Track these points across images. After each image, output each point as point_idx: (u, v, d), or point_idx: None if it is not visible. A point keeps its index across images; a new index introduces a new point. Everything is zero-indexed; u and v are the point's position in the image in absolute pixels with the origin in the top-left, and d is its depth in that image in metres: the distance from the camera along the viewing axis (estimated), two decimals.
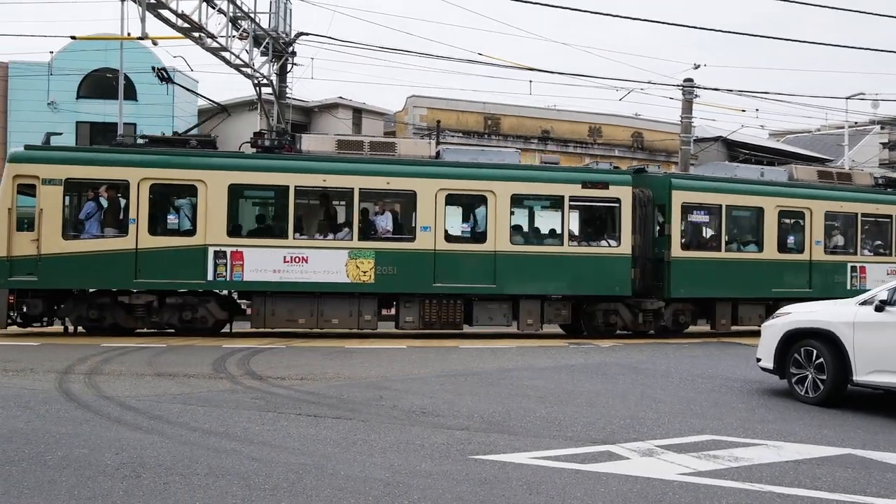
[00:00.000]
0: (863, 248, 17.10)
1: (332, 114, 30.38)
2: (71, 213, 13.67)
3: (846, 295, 16.67)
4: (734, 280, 15.62)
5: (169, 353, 11.40)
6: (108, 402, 7.40)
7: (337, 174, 13.99)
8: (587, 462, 5.51)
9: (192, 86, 31.10)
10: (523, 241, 14.68)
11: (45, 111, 28.95)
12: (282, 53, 21.74)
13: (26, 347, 11.80)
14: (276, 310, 13.80)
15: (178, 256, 13.46)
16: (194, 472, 5.02)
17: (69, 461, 5.25)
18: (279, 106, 22.42)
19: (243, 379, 8.96)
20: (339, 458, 5.45)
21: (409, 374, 9.65)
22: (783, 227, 16.42)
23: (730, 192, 15.91)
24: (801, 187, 16.66)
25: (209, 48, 18.92)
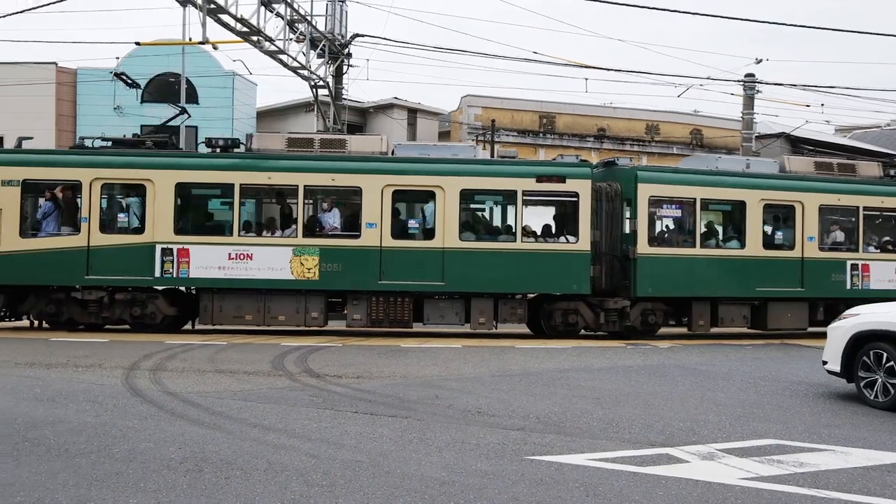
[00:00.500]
0: (866, 244, 15.76)
1: (388, 114, 30.60)
2: (28, 212, 14.19)
3: (844, 295, 15.22)
4: (711, 278, 14.63)
5: (230, 350, 11.65)
6: (172, 397, 7.60)
7: (282, 171, 14.08)
8: (645, 465, 5.42)
9: (251, 89, 31.73)
10: (474, 237, 14.32)
11: (112, 115, 29.89)
12: (338, 55, 21.99)
13: (95, 344, 12.21)
14: (224, 306, 13.99)
15: (128, 254, 13.79)
16: (254, 468, 5.12)
17: (135, 454, 5.40)
18: (335, 107, 22.68)
19: (301, 377, 9.10)
20: (394, 457, 5.48)
21: (464, 373, 9.66)
22: (770, 222, 15.44)
23: (705, 184, 14.89)
24: (792, 179, 15.51)
25: (267, 51, 19.28)
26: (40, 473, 4.92)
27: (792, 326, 15.18)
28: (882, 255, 15.86)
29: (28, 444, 5.63)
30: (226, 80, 29.99)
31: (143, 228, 13.88)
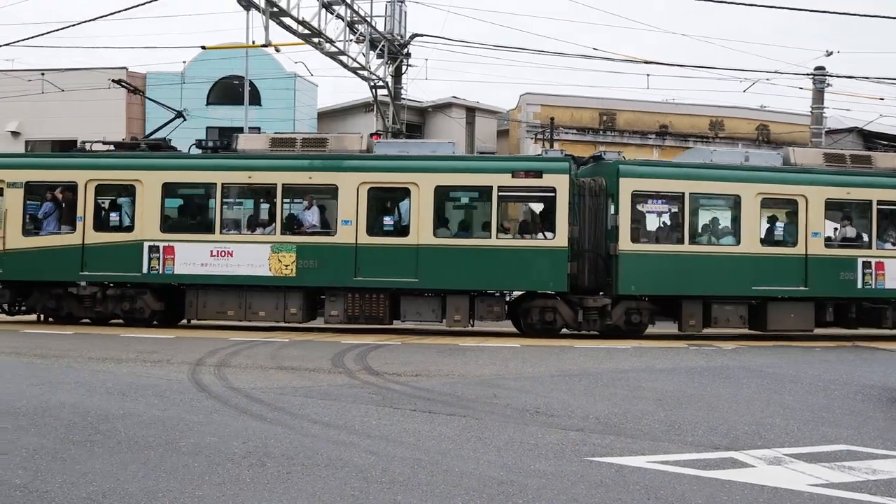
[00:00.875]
0: (882, 240, 14.69)
1: (446, 113, 30.68)
2: (26, 212, 14.88)
3: (854, 294, 14.34)
4: (702, 276, 13.92)
5: (291, 347, 11.86)
6: (236, 393, 7.77)
7: (262, 171, 14.38)
8: (709, 468, 5.30)
9: (312, 90, 32.22)
10: (449, 233, 14.27)
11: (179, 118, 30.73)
12: (397, 55, 22.15)
13: (163, 340, 12.58)
14: (208, 302, 14.40)
15: (118, 251, 14.41)
16: (315, 463, 5.19)
17: (200, 448, 5.54)
18: (394, 107, 22.86)
19: (361, 374, 9.20)
20: (453, 455, 5.49)
21: (523, 372, 9.61)
22: (769, 218, 14.66)
23: (695, 178, 14.18)
24: (795, 172, 14.52)
25: (328, 52, 19.54)
26: (112, 464, 5.09)
27: (795, 328, 14.33)
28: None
29: (100, 436, 5.84)
30: (287, 81, 30.54)
31: (133, 227, 14.52)
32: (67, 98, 28.74)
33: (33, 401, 7.20)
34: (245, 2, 16.16)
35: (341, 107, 33.06)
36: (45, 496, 4.42)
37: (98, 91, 29.44)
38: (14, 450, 5.40)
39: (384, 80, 22.04)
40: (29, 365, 9.73)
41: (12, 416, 6.49)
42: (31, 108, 29.83)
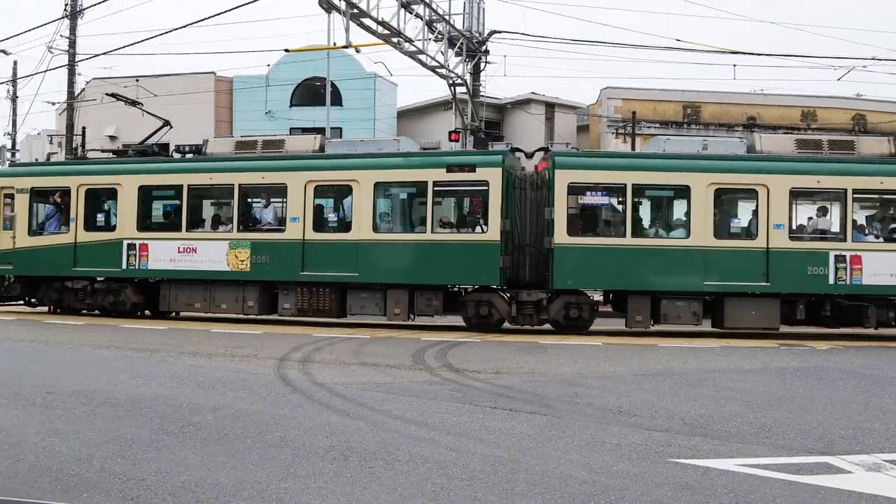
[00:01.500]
0: (860, 232, 13.66)
1: (525, 110, 30.51)
2: (34, 214, 16.62)
3: (826, 291, 13.23)
4: (646, 271, 13.34)
5: (373, 344, 12.03)
6: (319, 388, 7.94)
7: (221, 172, 15.30)
8: (801, 473, 5.09)
9: (391, 89, 32.56)
10: (388, 229, 14.57)
11: (264, 120, 31.65)
12: (475, 52, 22.15)
13: (250, 335, 12.97)
14: (178, 295, 15.55)
15: (103, 248, 15.76)
16: (396, 459, 5.25)
17: (286, 441, 5.68)
18: (473, 104, 22.87)
19: (441, 371, 9.25)
20: (534, 453, 5.45)
21: (605, 371, 9.47)
22: (723, 209, 13.85)
23: (639, 168, 13.58)
24: (755, 160, 13.57)
25: (407, 52, 19.71)
26: (202, 455, 5.28)
27: (757, 325, 13.45)
28: (882, 245, 13.48)
29: (192, 428, 6.06)
30: (367, 81, 30.97)
31: (115, 227, 15.83)
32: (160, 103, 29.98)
33: (130, 392, 7.55)
34: (326, 4, 16.47)
35: (420, 105, 33.33)
36: (141, 483, 4.62)
37: (188, 95, 30.61)
38: (114, 439, 5.67)
39: (462, 78, 22.08)
40: (126, 358, 10.21)
41: (112, 407, 6.82)
42: (127, 113, 31.24)
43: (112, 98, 20.33)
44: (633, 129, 26.53)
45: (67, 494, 4.40)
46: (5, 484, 4.59)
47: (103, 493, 4.43)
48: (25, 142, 42.81)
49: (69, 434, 5.82)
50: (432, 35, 20.24)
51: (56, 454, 5.25)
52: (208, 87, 31.82)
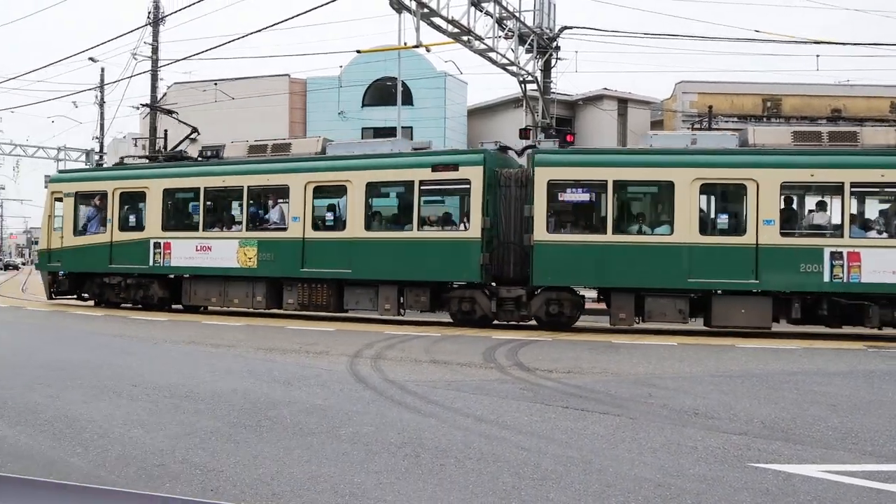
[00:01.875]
0: (860, 227, 13.07)
1: (597, 106, 30.08)
2: (79, 216, 18.34)
3: (821, 289, 12.69)
4: (628, 268, 13.25)
5: (444, 342, 12.08)
6: (391, 385, 8.02)
7: (232, 175, 16.37)
8: (891, 482, 4.86)
9: (462, 88, 32.60)
10: (379, 227, 15.16)
11: (336, 120, 32.15)
12: (546, 49, 21.97)
13: (323, 332, 13.21)
14: (197, 290, 16.84)
15: (134, 247, 17.21)
16: (467, 457, 5.25)
17: (359, 437, 5.76)
18: (543, 101, 22.70)
19: (512, 370, 9.21)
20: (606, 455, 5.37)
21: (680, 372, 9.25)
22: (709, 205, 13.60)
23: (620, 164, 13.59)
24: (744, 154, 13.22)
25: (477, 50, 19.70)
26: (278, 448, 5.40)
27: (747, 324, 13.05)
28: (883, 241, 12.76)
29: (268, 422, 6.21)
30: (438, 80, 31.09)
31: (143, 227, 17.27)
32: (237, 105, 30.83)
33: (209, 387, 7.78)
34: (397, 4, 16.61)
35: (491, 104, 33.27)
36: (220, 475, 4.76)
37: (264, 98, 31.35)
38: (194, 431, 5.86)
39: (533, 75, 21.93)
40: (205, 353, 10.54)
41: (193, 401, 7.05)
42: (205, 116, 32.25)
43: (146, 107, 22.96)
44: (710, 123, 25.83)
45: (152, 484, 4.57)
46: (95, 472, 4.80)
47: (185, 483, 4.58)
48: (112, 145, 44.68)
49: (153, 426, 6.05)
50: (502, 32, 20.17)
51: (141, 444, 5.46)
52: (283, 89, 32.53)
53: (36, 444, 5.50)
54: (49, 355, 10.35)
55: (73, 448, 5.37)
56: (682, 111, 28.29)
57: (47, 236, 18.94)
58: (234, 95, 30.71)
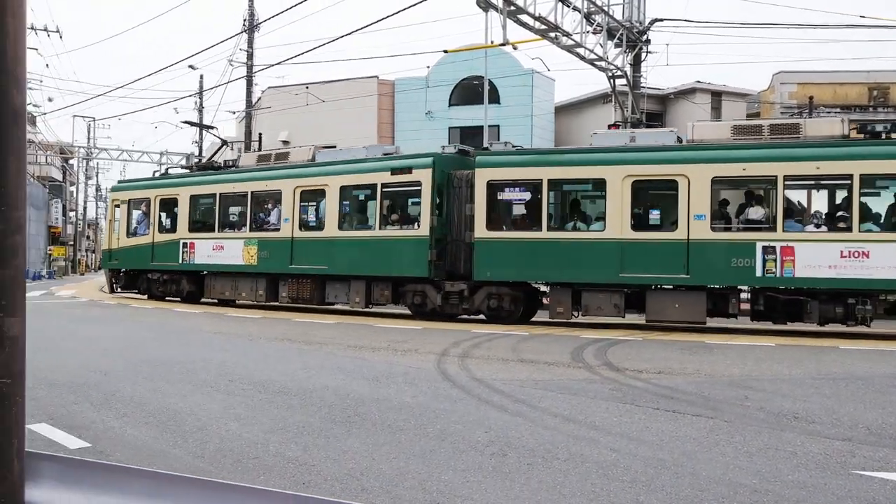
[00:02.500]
0: (795, 221, 12.89)
1: (689, 100, 29.27)
2: (130, 221, 21.16)
3: (753, 283, 12.68)
4: (563, 263, 13.70)
5: (531, 340, 12.01)
6: (478, 383, 8.03)
7: (240, 182, 18.63)
8: None
9: (549, 85, 32.32)
10: (349, 227, 16.59)
11: (424, 120, 32.47)
12: (635, 43, 21.53)
13: (411, 331, 13.36)
14: (215, 285, 19.10)
15: (169, 247, 19.76)
16: (555, 457, 5.20)
17: (446, 434, 5.79)
18: (633, 96, 22.25)
19: (600, 369, 9.07)
20: (699, 458, 5.22)
21: (777, 374, 8.89)
22: (641, 201, 13.69)
23: (556, 164, 14.12)
24: (677, 150, 13.30)
25: (564, 46, 19.50)
26: (367, 444, 5.49)
27: (681, 319, 13.23)
28: (818, 235, 12.52)
29: (357, 418, 6.33)
30: (525, 78, 30.95)
31: (176, 229, 19.81)
32: (328, 108, 31.55)
33: (301, 383, 8.00)
34: (484, 3, 16.63)
35: (578, 100, 32.87)
36: (312, 469, 4.88)
37: (353, 100, 31.97)
38: (287, 426, 6.04)
39: (622, 70, 21.53)
40: (298, 350, 10.84)
41: (286, 396, 7.26)
42: (298, 119, 33.18)
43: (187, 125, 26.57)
44: (811, 115, 24.70)
45: (247, 476, 4.73)
46: (194, 463, 5.01)
47: (278, 476, 4.72)
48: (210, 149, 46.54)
49: (248, 420, 6.26)
50: (590, 27, 19.89)
51: (237, 438, 5.66)
52: (371, 90, 33.09)
53: (140, 434, 5.79)
54: (152, 350, 10.88)
55: (174, 440, 5.62)
56: (781, 103, 27.18)
57: (108, 238, 22.12)
58: (324, 98, 31.45)
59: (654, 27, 21.85)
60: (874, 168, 12.29)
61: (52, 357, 9.66)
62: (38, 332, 12.13)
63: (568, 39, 19.16)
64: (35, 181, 44.97)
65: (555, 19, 18.27)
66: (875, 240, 12.14)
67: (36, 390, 7.13)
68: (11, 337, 2.35)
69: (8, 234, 2.34)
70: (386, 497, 4.36)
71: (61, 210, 55.76)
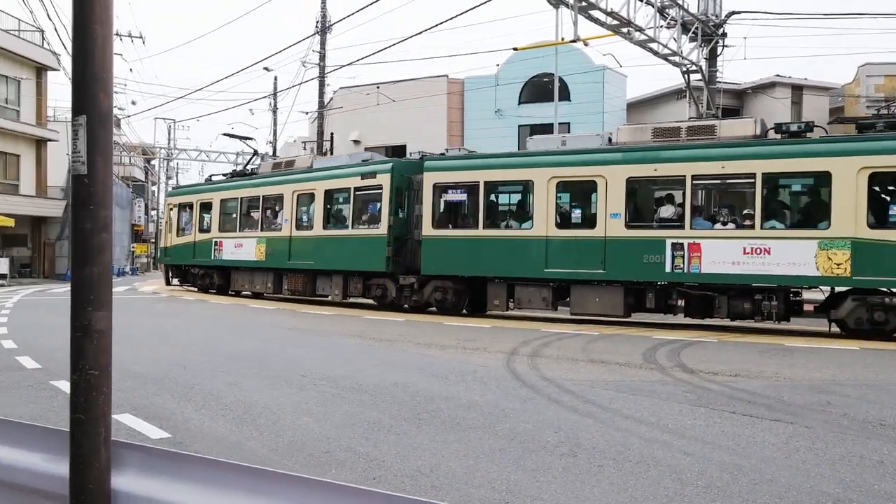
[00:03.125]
0: (704, 219, 13.45)
1: (768, 94, 28.35)
2: (180, 222, 24.07)
3: (663, 279, 13.33)
4: (497, 259, 14.91)
5: (601, 341, 11.85)
6: (548, 383, 7.97)
7: (255, 187, 21.13)
8: None
9: (621, 81, 31.81)
10: (331, 226, 18.30)
11: (493, 119, 32.40)
12: (711, 37, 20.99)
13: (479, 329, 13.36)
14: (238, 278, 21.65)
15: (205, 245, 22.43)
16: (626, 459, 5.12)
17: (515, 434, 5.77)
18: (709, 91, 21.69)
19: (673, 371, 8.88)
20: (778, 464, 5.05)
21: (863, 379, 8.53)
22: (564, 200, 14.81)
23: (490, 167, 15.33)
24: (596, 153, 14.15)
25: (637, 41, 19.16)
26: (436, 441, 5.52)
27: (601, 312, 14.14)
28: (722, 231, 12.96)
29: (427, 415, 6.37)
30: (596, 74, 30.53)
31: (210, 230, 22.41)
32: (398, 107, 31.83)
33: (372, 379, 8.10)
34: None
35: (651, 96, 32.23)
36: (382, 465, 4.94)
37: (424, 99, 32.15)
38: (358, 422, 6.12)
39: (697, 65, 21.01)
40: (370, 347, 10.98)
41: (357, 392, 7.37)
42: (369, 119, 33.59)
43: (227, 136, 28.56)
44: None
45: (319, 470, 4.82)
46: (268, 456, 5.13)
47: (349, 471, 4.80)
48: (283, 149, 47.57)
49: (320, 414, 6.38)
50: (664, 22, 19.48)
51: (309, 432, 5.78)
52: (441, 89, 33.21)
53: (217, 426, 5.96)
54: (228, 345, 11.20)
55: (250, 432, 5.77)
56: (867, 96, 26.05)
57: (165, 237, 25.43)
58: (394, 98, 31.74)
59: (731, 20, 21.26)
60: (776, 167, 12.66)
61: (134, 350, 10.05)
62: (122, 326, 12.64)
63: (641, 35, 18.81)
64: (120, 181, 46.84)
65: (627, 14, 17.97)
66: (777, 237, 12.52)
67: (120, 382, 7.43)
68: (99, 330, 2.45)
69: (96, 231, 2.44)
70: (456, 495, 4.38)
71: (143, 209, 57.99)
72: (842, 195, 11.94)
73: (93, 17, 2.39)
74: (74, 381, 2.46)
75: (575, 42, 18.00)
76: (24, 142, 35.19)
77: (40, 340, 11.43)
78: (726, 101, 26.23)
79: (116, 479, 2.51)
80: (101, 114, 2.45)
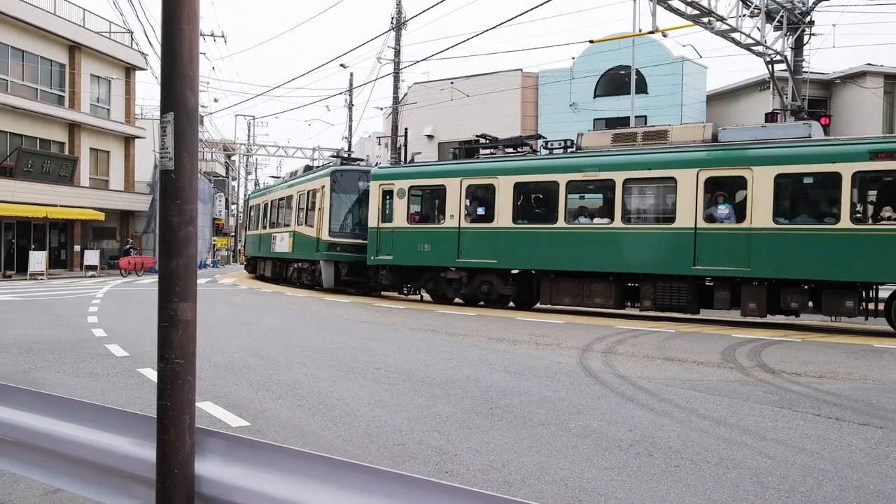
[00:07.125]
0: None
1: (859, 84, 27.12)
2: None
3: None
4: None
5: (678, 338, 11.60)
6: (622, 380, 7.85)
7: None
8: None
9: (700, 73, 30.98)
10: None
11: (568, 112, 32.04)
12: (797, 25, 20.20)
13: (552, 325, 13.25)
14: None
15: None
16: (704, 460, 5.00)
17: (588, 431, 5.71)
18: (794, 82, 20.89)
19: (754, 371, 8.61)
20: (866, 470, 4.84)
21: None
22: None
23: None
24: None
25: (718, 31, 18.61)
26: (508, 437, 5.51)
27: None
28: None
29: (499, 411, 6.36)
30: (674, 66, 29.84)
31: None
32: (472, 102, 31.81)
33: (444, 373, 8.14)
34: None
35: (732, 88, 31.29)
36: (455, 459, 4.96)
37: (498, 94, 32.02)
38: (430, 415, 6.17)
39: (782, 54, 20.25)
40: (441, 341, 11.03)
41: (429, 385, 7.42)
42: (442, 114, 33.70)
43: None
44: None
45: (393, 462, 4.88)
46: (343, 447, 5.23)
47: (422, 464, 4.84)
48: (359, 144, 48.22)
49: (393, 407, 6.45)
50: (747, 11, 18.85)
51: (383, 424, 5.85)
52: (515, 84, 33.04)
53: (294, 416, 6.10)
54: (304, 337, 11.44)
55: (325, 423, 5.88)
56: None
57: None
58: (468, 93, 31.73)
59: (819, 7, 20.40)
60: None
61: (215, 340, 10.38)
62: (204, 316, 13.07)
63: (722, 24, 18.26)
64: (202, 176, 48.43)
65: (708, 3, 17.47)
66: None
67: (202, 371, 7.69)
68: (185, 320, 2.54)
69: (182, 225, 2.53)
70: (528, 491, 4.36)
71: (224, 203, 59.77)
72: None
73: (180, 17, 2.47)
74: (161, 370, 2.55)
75: (653, 33, 17.62)
76: (114, 139, 36.82)
77: (128, 329, 11.93)
78: (813, 93, 25.22)
79: (200, 464, 2.60)
80: (187, 111, 2.53)
